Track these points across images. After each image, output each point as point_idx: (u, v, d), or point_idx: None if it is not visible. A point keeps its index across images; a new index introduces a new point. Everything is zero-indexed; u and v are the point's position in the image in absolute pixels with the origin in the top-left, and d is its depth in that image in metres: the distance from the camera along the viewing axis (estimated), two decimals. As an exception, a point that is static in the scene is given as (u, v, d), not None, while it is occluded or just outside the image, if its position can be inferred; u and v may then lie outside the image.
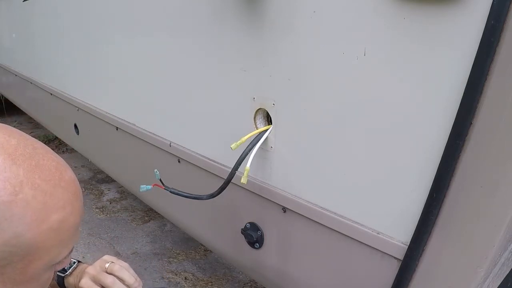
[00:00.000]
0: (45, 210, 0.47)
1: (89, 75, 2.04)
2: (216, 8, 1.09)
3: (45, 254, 0.50)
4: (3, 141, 0.46)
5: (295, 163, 1.01)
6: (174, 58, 1.32)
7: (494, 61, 0.62)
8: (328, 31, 0.84)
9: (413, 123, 0.75)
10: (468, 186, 0.70)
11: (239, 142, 1.00)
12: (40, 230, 0.47)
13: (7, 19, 3.20)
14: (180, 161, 1.41)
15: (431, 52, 0.70)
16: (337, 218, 0.94)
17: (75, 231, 0.54)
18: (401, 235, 0.83)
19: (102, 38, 1.80)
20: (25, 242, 0.46)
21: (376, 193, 0.85)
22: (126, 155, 1.85)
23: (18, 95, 3.58)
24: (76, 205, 0.52)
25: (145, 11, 1.43)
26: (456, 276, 0.76)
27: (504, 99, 0.62)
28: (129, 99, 1.71)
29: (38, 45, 2.67)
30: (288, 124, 0.99)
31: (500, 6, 0.59)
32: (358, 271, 0.94)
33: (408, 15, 0.71)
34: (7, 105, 4.59)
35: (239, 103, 1.10)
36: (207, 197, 1.10)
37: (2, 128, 0.49)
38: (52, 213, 0.48)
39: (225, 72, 1.13)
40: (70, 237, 0.53)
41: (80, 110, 2.18)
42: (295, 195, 1.03)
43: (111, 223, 2.73)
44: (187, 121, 1.35)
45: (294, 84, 0.94)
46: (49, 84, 2.59)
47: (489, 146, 0.66)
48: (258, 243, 1.19)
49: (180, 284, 2.15)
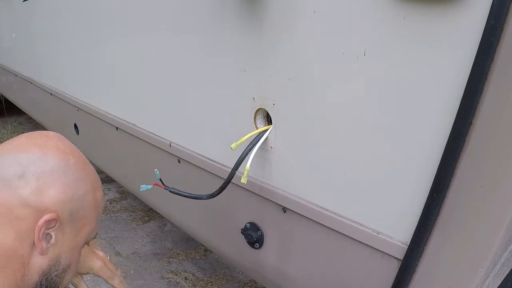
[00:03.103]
0: (97, 183, 0.70)
1: (89, 75, 2.04)
2: (216, 8, 1.09)
3: (90, 223, 0.69)
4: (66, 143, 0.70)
5: (295, 163, 1.01)
6: (174, 58, 1.32)
7: (494, 61, 0.62)
8: (328, 31, 0.84)
9: (413, 123, 0.75)
10: (468, 186, 0.70)
11: (239, 142, 1.00)
12: (94, 197, 0.69)
13: (7, 19, 3.20)
14: (180, 161, 1.41)
15: (431, 52, 0.70)
16: (337, 218, 0.94)
17: (99, 217, 0.74)
18: (401, 235, 0.83)
19: (102, 38, 1.80)
20: (87, 201, 0.67)
21: (376, 193, 0.85)
22: (126, 155, 1.85)
23: (18, 95, 3.58)
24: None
25: (145, 11, 1.43)
26: (456, 276, 0.76)
27: (504, 99, 0.62)
28: (129, 99, 1.71)
29: (38, 45, 2.67)
30: (288, 124, 0.99)
31: (500, 6, 0.59)
32: (358, 271, 0.94)
33: (408, 15, 0.71)
34: (7, 105, 4.59)
35: (239, 103, 1.10)
36: (207, 197, 1.10)
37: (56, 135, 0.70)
38: (98, 188, 0.70)
39: (225, 72, 1.13)
40: (98, 219, 0.73)
41: (80, 110, 2.18)
42: (295, 195, 1.03)
43: (111, 223, 2.73)
44: (187, 121, 1.35)
45: (294, 84, 0.94)
46: (49, 84, 2.59)
47: (489, 146, 0.65)
48: (258, 243, 1.19)
49: (180, 284, 2.15)
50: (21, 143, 0.65)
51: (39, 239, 0.60)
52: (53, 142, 0.67)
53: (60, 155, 0.65)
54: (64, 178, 0.63)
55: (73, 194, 0.64)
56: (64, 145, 0.68)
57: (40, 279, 0.63)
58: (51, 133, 0.70)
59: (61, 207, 0.62)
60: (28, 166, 0.61)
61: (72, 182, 0.64)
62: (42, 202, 0.60)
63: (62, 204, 0.62)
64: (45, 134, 0.69)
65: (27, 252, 0.61)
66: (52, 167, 0.63)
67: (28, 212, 0.59)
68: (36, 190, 0.60)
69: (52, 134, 0.70)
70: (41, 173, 0.61)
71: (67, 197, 0.63)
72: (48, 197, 0.61)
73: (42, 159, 0.63)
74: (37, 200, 0.60)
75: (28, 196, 0.60)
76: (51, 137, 0.68)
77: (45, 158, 0.63)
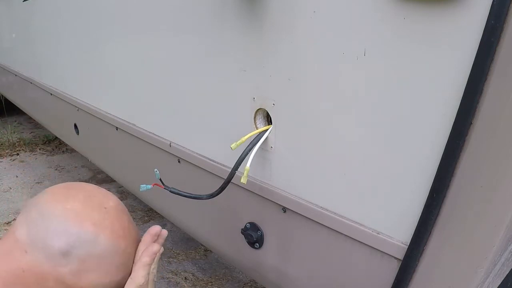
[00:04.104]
0: None
1: (89, 75, 2.04)
2: (216, 8, 1.09)
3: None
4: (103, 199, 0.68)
5: (295, 163, 1.01)
6: (174, 58, 1.32)
7: (494, 61, 0.62)
8: (328, 31, 0.84)
9: (413, 123, 0.75)
10: (468, 186, 0.70)
11: (239, 142, 1.00)
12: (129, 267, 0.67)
13: (7, 19, 3.20)
14: (180, 161, 1.41)
15: (431, 52, 0.70)
16: (337, 218, 0.94)
17: None
18: (401, 235, 0.83)
19: (102, 38, 1.80)
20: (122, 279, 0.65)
21: (376, 193, 0.85)
22: (126, 155, 1.85)
23: (18, 95, 3.58)
24: None
25: (145, 11, 1.43)
26: (456, 276, 0.76)
27: (504, 99, 0.62)
28: (129, 99, 1.71)
29: (38, 45, 2.67)
30: (288, 124, 0.99)
31: (500, 6, 0.59)
32: (358, 271, 0.94)
33: (408, 15, 0.71)
34: (7, 105, 4.59)
35: (239, 103, 1.10)
36: (207, 197, 1.10)
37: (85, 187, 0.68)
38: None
39: (225, 72, 1.13)
40: None
41: (80, 110, 2.18)
42: (295, 195, 1.03)
43: (111, 223, 2.73)
44: (187, 121, 1.35)
45: (294, 84, 0.94)
46: (49, 84, 2.59)
47: (489, 146, 0.65)
48: (258, 243, 1.19)
49: (180, 284, 2.15)
50: (77, 207, 0.62)
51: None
52: (109, 221, 0.64)
53: (112, 239, 0.63)
54: (109, 266, 0.63)
55: (111, 280, 0.64)
56: (120, 224, 0.65)
57: None
58: (111, 203, 0.67)
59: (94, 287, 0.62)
60: (75, 247, 0.59)
61: (114, 268, 0.64)
62: (78, 283, 0.60)
63: (97, 286, 0.62)
64: (104, 205, 0.65)
65: None
66: (100, 253, 0.61)
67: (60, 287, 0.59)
68: (76, 272, 0.59)
69: (112, 205, 0.67)
70: (87, 256, 0.60)
71: (104, 282, 0.63)
72: (86, 280, 0.61)
73: (93, 242, 0.61)
74: (73, 280, 0.60)
75: (66, 274, 0.59)
76: (110, 210, 0.65)
77: (96, 241, 0.61)
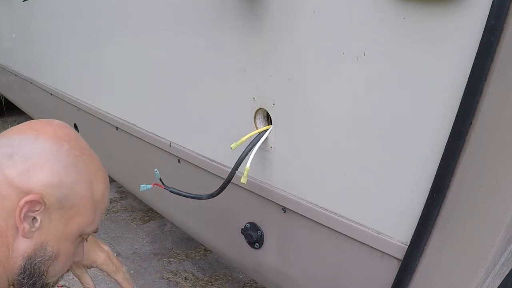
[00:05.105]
0: (96, 175, 0.68)
1: (89, 75, 2.04)
2: (216, 8, 1.09)
3: (83, 215, 0.67)
4: None
5: (295, 163, 1.01)
6: (174, 58, 1.32)
7: (494, 61, 0.62)
8: (328, 31, 0.84)
9: (413, 123, 0.75)
10: (468, 186, 0.70)
11: (239, 142, 1.00)
12: (90, 188, 0.66)
13: (7, 19, 3.20)
14: (180, 161, 1.41)
15: (431, 52, 0.70)
16: (337, 218, 0.94)
17: (102, 214, 0.72)
18: (401, 235, 0.83)
19: (102, 38, 1.80)
20: (79, 190, 0.65)
21: (376, 193, 0.85)
22: (126, 155, 1.85)
23: (18, 95, 3.58)
24: (108, 194, 0.72)
25: (145, 11, 1.43)
26: (456, 276, 0.76)
27: (504, 99, 0.62)
28: (129, 99, 1.71)
29: (38, 45, 2.67)
30: (288, 124, 0.99)
31: (500, 6, 0.59)
32: (358, 271, 0.94)
33: (408, 15, 0.71)
34: (7, 105, 4.58)
35: (239, 103, 1.10)
36: (207, 197, 1.10)
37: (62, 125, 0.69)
38: (97, 181, 0.68)
39: (225, 72, 1.13)
40: (99, 216, 0.71)
41: (80, 110, 2.18)
42: (295, 195, 1.03)
43: (111, 223, 2.73)
44: (187, 121, 1.35)
45: (294, 84, 0.94)
46: (49, 84, 2.59)
47: (489, 146, 0.65)
48: (258, 243, 1.19)
49: (180, 284, 2.15)
50: (22, 127, 0.66)
51: (20, 220, 0.60)
52: (51, 128, 0.66)
53: (54, 140, 0.64)
54: (53, 163, 0.62)
55: (61, 180, 0.63)
56: (63, 132, 0.67)
57: (24, 264, 0.63)
58: (56, 121, 0.69)
59: (47, 191, 0.61)
60: (18, 147, 0.61)
61: (62, 168, 0.63)
62: (27, 183, 0.60)
63: (49, 188, 0.61)
64: (48, 121, 0.68)
65: (11, 233, 0.61)
66: (42, 150, 0.62)
67: (13, 192, 0.59)
68: (22, 171, 0.60)
69: (57, 122, 0.69)
70: (30, 155, 0.61)
71: (54, 181, 0.62)
72: (34, 179, 0.60)
73: (34, 141, 0.63)
74: (22, 181, 0.60)
75: (14, 176, 0.60)
76: (53, 124, 0.67)
77: (37, 141, 0.63)
